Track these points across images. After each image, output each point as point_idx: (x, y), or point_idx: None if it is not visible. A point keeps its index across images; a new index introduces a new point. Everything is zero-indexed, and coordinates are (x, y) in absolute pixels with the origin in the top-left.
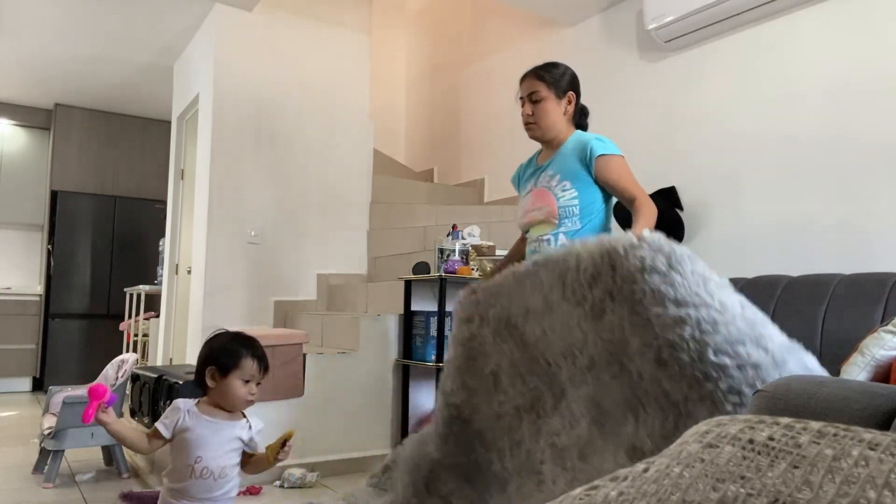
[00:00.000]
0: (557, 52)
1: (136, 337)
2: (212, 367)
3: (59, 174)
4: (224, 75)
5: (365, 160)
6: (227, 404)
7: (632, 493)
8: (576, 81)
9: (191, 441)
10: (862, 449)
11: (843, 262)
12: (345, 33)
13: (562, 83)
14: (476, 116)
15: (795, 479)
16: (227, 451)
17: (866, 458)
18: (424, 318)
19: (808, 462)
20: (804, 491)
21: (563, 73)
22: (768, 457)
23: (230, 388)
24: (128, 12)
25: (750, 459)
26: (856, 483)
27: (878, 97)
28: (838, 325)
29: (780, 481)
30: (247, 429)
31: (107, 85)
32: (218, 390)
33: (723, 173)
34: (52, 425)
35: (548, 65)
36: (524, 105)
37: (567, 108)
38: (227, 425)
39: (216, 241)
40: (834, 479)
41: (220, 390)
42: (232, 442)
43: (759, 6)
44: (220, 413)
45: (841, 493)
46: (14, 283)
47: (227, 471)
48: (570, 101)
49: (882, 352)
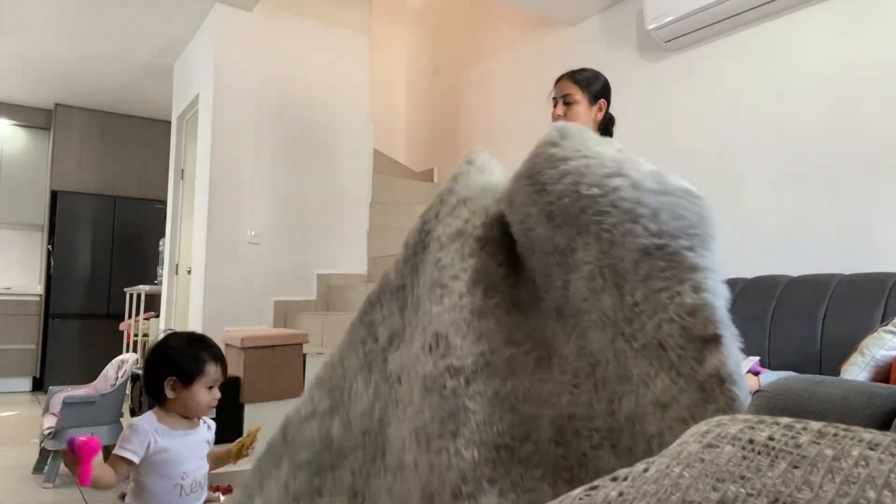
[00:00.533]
0: (557, 52)
1: (136, 337)
2: (171, 377)
3: (59, 174)
4: (224, 75)
5: (365, 160)
6: (190, 413)
7: (632, 493)
8: (608, 89)
9: (171, 460)
10: (862, 449)
11: (843, 262)
12: (345, 33)
13: (595, 89)
14: (476, 116)
15: (795, 479)
16: (202, 457)
17: (866, 458)
18: None
19: (808, 462)
20: (804, 491)
21: (597, 78)
22: (768, 457)
23: (194, 398)
24: (128, 12)
25: (750, 459)
26: (856, 483)
27: (878, 97)
28: (838, 325)
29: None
30: (205, 429)
31: (107, 85)
32: (179, 400)
33: (723, 173)
34: (52, 425)
35: (584, 70)
36: (557, 105)
37: (597, 114)
38: (195, 432)
39: (216, 241)
40: (834, 479)
41: (182, 400)
42: (203, 447)
43: (759, 6)
44: (182, 421)
45: (841, 493)
46: (14, 283)
47: (206, 477)
48: (600, 108)
49: (882, 352)
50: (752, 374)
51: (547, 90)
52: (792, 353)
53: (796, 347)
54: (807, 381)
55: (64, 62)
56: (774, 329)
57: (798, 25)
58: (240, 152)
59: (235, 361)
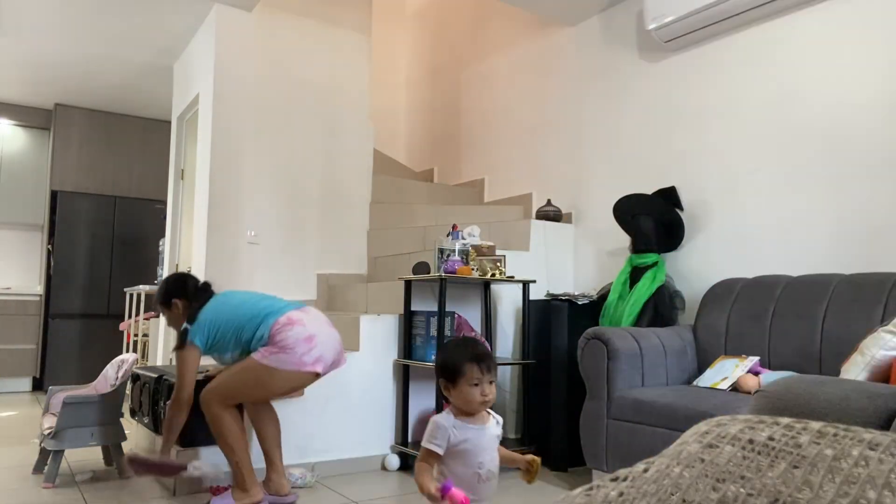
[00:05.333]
0: (557, 52)
1: (136, 337)
2: (442, 379)
3: (59, 174)
4: (224, 75)
5: (365, 160)
6: (465, 408)
7: (632, 493)
8: None
9: (470, 450)
10: (862, 449)
11: (843, 262)
12: (345, 33)
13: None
14: (476, 116)
15: (795, 479)
16: (494, 450)
17: (866, 458)
18: (424, 319)
19: (808, 462)
20: (804, 491)
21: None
22: (768, 457)
23: (462, 395)
24: (128, 12)
25: (750, 459)
26: (856, 483)
27: (877, 97)
28: (838, 325)
29: (780, 481)
30: (494, 424)
31: (107, 85)
32: (454, 398)
33: (723, 173)
34: (52, 425)
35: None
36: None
37: None
38: (487, 427)
39: (216, 241)
40: (834, 479)
41: (456, 399)
42: (494, 441)
43: (759, 6)
44: (472, 417)
45: (841, 493)
46: (14, 283)
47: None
48: None
49: (882, 352)
50: (752, 374)
51: (547, 90)
52: (792, 353)
53: (796, 347)
54: (807, 381)
55: (64, 62)
56: (774, 329)
57: (798, 25)
58: (240, 152)
59: None
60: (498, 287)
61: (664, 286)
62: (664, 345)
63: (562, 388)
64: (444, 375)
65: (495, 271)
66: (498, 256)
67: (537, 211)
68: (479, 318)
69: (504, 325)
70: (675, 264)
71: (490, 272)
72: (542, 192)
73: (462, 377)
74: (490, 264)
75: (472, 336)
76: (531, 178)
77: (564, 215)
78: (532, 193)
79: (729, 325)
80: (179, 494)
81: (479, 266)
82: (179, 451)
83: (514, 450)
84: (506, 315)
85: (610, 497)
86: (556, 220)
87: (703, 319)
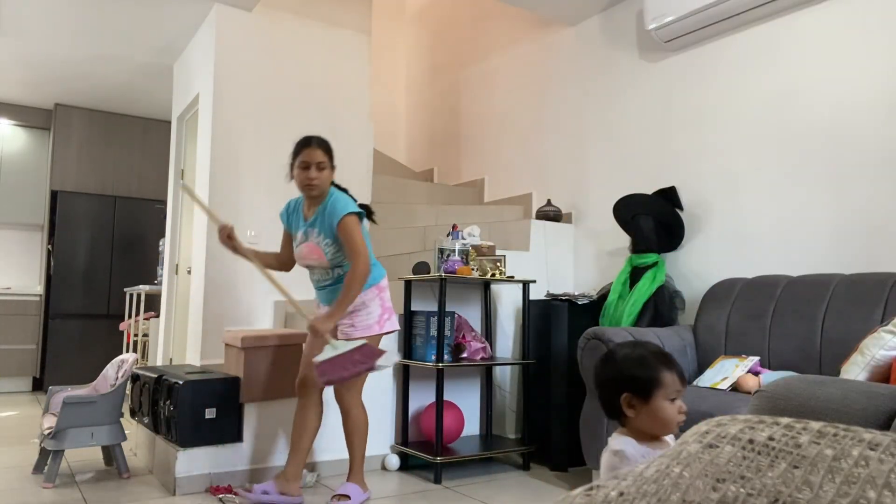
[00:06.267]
0: (557, 52)
1: (136, 337)
2: (626, 393)
3: (59, 174)
4: (224, 75)
5: (365, 160)
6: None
7: (632, 493)
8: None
9: None
10: (862, 449)
11: (843, 262)
12: (345, 33)
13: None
14: (476, 116)
15: (795, 479)
16: None
17: (866, 458)
18: (424, 318)
19: (808, 462)
20: (804, 491)
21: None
22: (768, 457)
23: (655, 412)
24: (128, 12)
25: (750, 459)
26: (856, 483)
27: (877, 97)
28: (838, 325)
29: (780, 481)
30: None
31: (107, 85)
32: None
33: (723, 173)
34: (52, 425)
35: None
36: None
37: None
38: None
39: (216, 241)
40: (834, 479)
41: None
42: None
43: (759, 6)
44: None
45: (841, 493)
46: (14, 283)
47: None
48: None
49: (882, 352)
50: (752, 374)
51: (547, 90)
52: (792, 353)
53: (796, 347)
54: (807, 381)
55: (64, 62)
56: (774, 329)
57: (798, 25)
58: (240, 152)
59: (235, 361)
60: (498, 287)
61: (664, 286)
62: (664, 345)
63: (562, 389)
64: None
65: (495, 271)
66: (498, 256)
67: (537, 211)
68: (479, 318)
69: (504, 325)
70: (675, 264)
71: (490, 272)
72: (542, 192)
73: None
74: (490, 264)
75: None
76: (531, 178)
77: (564, 215)
78: (532, 193)
79: (729, 325)
80: (179, 494)
81: (479, 266)
82: (179, 451)
83: (515, 450)
84: (506, 315)
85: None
86: (556, 220)
87: (702, 319)
